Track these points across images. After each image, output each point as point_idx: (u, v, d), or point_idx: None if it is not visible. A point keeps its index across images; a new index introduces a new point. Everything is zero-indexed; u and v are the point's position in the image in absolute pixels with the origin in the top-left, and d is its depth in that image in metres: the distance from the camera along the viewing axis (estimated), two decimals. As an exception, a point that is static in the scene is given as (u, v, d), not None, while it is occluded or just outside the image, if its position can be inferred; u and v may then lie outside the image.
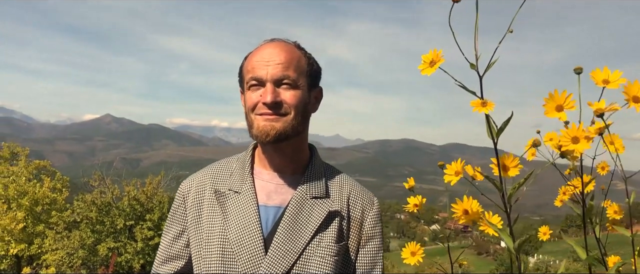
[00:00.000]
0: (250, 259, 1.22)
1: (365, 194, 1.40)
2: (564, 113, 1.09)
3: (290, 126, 1.24)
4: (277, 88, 1.24)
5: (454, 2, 1.05)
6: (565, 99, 1.08)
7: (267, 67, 1.23)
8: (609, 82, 1.12)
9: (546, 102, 1.10)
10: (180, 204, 1.39)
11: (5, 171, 17.59)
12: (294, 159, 1.34)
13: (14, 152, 18.46)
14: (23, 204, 16.45)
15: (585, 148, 1.12)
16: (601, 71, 1.14)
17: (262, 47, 1.28)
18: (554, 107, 1.09)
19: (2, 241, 15.61)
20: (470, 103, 1.11)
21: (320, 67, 1.36)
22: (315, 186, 1.32)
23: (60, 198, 17.79)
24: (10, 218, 15.68)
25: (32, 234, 16.44)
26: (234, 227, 1.26)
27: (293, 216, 1.26)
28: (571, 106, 1.09)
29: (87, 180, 17.49)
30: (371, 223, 1.37)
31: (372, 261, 1.36)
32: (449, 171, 1.29)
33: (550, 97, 1.10)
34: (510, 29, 1.05)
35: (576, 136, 1.12)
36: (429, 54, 1.11)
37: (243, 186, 1.32)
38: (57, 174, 18.97)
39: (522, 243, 1.18)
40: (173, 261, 1.38)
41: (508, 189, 1.19)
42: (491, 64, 1.07)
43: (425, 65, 1.11)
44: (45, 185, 17.56)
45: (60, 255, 14.62)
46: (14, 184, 16.77)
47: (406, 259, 1.62)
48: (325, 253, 1.25)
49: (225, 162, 1.42)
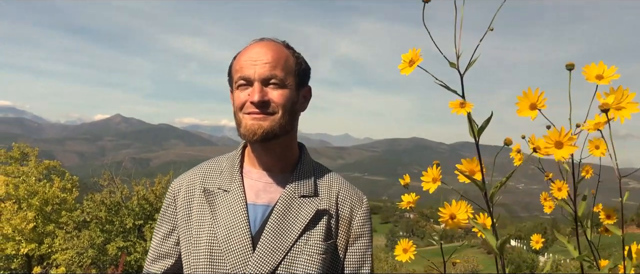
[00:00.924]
0: (238, 257, 1.23)
1: (354, 193, 1.40)
2: (536, 112, 1.08)
3: (277, 125, 1.25)
4: (265, 87, 1.25)
5: (425, 2, 1.07)
6: (538, 97, 1.07)
7: (255, 66, 1.24)
8: (603, 78, 1.10)
9: (520, 100, 1.09)
10: (170, 203, 1.40)
11: (15, 171, 17.71)
12: (282, 158, 1.35)
13: (24, 152, 18.58)
14: (33, 204, 16.56)
15: (569, 153, 1.09)
16: (596, 66, 1.11)
17: (250, 47, 1.29)
18: (527, 105, 1.08)
19: (13, 240, 15.73)
20: (449, 104, 1.12)
21: (309, 66, 1.37)
22: (304, 184, 1.33)
23: (70, 198, 17.88)
24: (21, 218, 15.79)
25: (43, 233, 16.54)
26: (223, 225, 1.27)
27: (281, 215, 1.27)
28: (543, 105, 1.07)
29: (97, 180, 17.58)
30: (360, 222, 1.37)
31: (360, 260, 1.36)
32: (425, 178, 1.28)
33: (524, 96, 1.08)
34: (490, 27, 1.06)
35: (559, 141, 1.10)
36: (408, 53, 1.11)
37: (232, 184, 1.33)
38: (67, 174, 19.08)
39: (503, 242, 1.18)
40: (163, 259, 1.39)
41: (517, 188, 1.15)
42: (472, 62, 1.07)
43: (404, 64, 1.12)
44: (55, 185, 17.67)
45: (70, 255, 14.71)
46: (24, 184, 16.88)
47: (398, 256, 1.61)
48: (313, 251, 1.26)
49: (215, 161, 1.43)
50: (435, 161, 1.33)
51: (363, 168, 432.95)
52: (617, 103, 1.05)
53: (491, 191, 1.17)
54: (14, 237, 15.72)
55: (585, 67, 1.11)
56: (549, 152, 1.11)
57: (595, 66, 1.11)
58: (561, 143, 1.09)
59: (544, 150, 1.11)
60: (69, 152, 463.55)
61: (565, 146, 1.08)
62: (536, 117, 1.05)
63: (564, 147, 1.08)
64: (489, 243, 1.24)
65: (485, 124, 1.11)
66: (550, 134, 1.10)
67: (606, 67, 1.10)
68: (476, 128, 1.12)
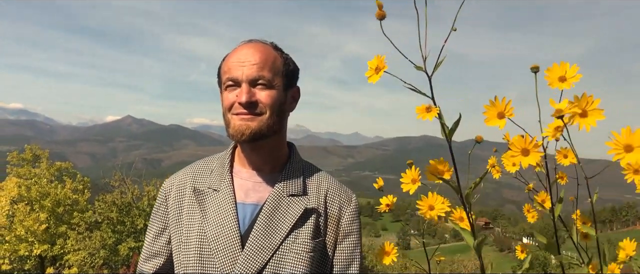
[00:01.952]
0: (227, 255, 1.25)
1: (343, 192, 1.42)
2: (504, 121, 1.07)
3: (265, 125, 1.27)
4: (253, 88, 1.26)
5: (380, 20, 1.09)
6: (505, 106, 1.07)
7: (243, 67, 1.26)
8: (566, 79, 1.07)
9: (487, 109, 1.08)
10: (162, 202, 1.42)
11: (27, 173, 17.86)
12: (271, 157, 1.37)
13: (36, 154, 18.73)
14: (45, 206, 16.70)
15: (536, 161, 1.08)
16: (558, 66, 1.08)
17: (239, 48, 1.30)
18: (495, 114, 1.08)
19: (26, 241, 15.87)
20: (416, 110, 1.14)
21: (297, 67, 1.39)
22: (293, 184, 1.35)
23: (81, 199, 18.01)
24: (33, 219, 15.92)
25: (55, 234, 16.68)
26: (212, 224, 1.29)
27: (269, 213, 1.29)
28: (511, 114, 1.07)
29: (108, 181, 17.68)
30: (348, 220, 1.39)
31: (349, 257, 1.38)
32: (405, 179, 1.27)
33: (492, 104, 1.08)
34: (453, 28, 1.06)
35: (526, 148, 1.09)
36: (374, 60, 1.12)
37: (222, 184, 1.35)
38: (78, 176, 19.22)
39: (480, 242, 1.19)
40: (155, 258, 1.41)
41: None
42: (439, 63, 1.07)
43: (371, 71, 1.13)
44: (67, 186, 17.80)
45: (82, 255, 14.80)
46: (36, 185, 17.03)
47: (383, 259, 1.57)
48: (301, 249, 1.27)
49: (206, 162, 1.45)
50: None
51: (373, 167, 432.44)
52: (581, 110, 1.02)
53: (466, 191, 1.18)
54: (27, 238, 15.86)
55: (547, 70, 1.09)
56: (515, 160, 1.12)
57: (557, 67, 1.08)
58: (528, 150, 1.08)
59: (510, 158, 1.12)
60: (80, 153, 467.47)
61: (532, 153, 1.08)
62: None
63: (530, 155, 1.08)
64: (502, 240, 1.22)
65: (454, 126, 1.11)
66: (514, 142, 1.10)
67: (568, 66, 1.07)
68: (447, 129, 1.12)
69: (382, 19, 1.09)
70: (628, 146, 0.99)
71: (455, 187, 1.19)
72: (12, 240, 15.69)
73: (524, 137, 1.07)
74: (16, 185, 16.53)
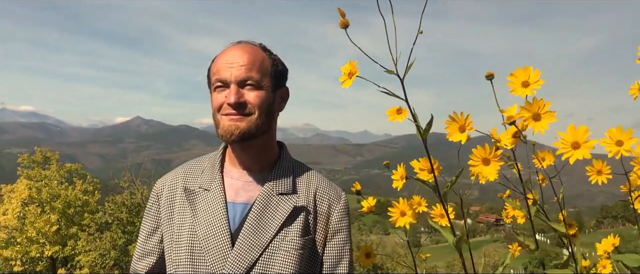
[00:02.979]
0: (218, 253, 1.27)
1: (332, 190, 1.43)
2: (466, 134, 1.11)
3: (254, 125, 1.29)
4: (241, 89, 1.28)
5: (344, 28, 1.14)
6: (465, 121, 1.10)
7: (231, 68, 1.27)
8: (529, 84, 1.10)
9: (448, 124, 1.12)
10: (154, 202, 1.44)
11: (38, 174, 17.98)
12: (261, 157, 1.38)
13: (46, 156, 18.85)
14: (56, 207, 16.80)
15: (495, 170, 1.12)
16: (521, 71, 1.10)
17: (227, 50, 1.32)
18: (456, 129, 1.11)
19: (37, 243, 15.98)
20: (387, 112, 1.20)
21: (286, 68, 1.41)
22: (282, 182, 1.37)
23: (92, 200, 18.12)
24: (45, 221, 16.03)
25: (66, 236, 16.79)
26: (203, 223, 1.31)
27: (259, 212, 1.31)
28: (471, 128, 1.11)
29: (118, 182, 17.76)
30: (338, 217, 1.40)
31: (338, 254, 1.39)
32: (395, 176, 1.32)
33: (452, 120, 1.11)
34: (420, 30, 1.10)
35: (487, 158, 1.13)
36: (347, 66, 1.15)
37: (212, 183, 1.36)
38: (88, 177, 19.33)
39: (459, 239, 1.20)
40: (148, 257, 1.43)
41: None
42: (409, 66, 1.10)
43: (344, 77, 1.16)
44: (77, 188, 17.91)
45: (93, 256, 14.89)
46: (47, 187, 17.13)
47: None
48: (290, 247, 1.29)
49: (197, 162, 1.47)
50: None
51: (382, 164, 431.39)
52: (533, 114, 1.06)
53: (444, 190, 1.22)
54: (38, 239, 15.98)
55: (510, 75, 1.11)
56: (475, 170, 1.16)
57: (521, 72, 1.10)
58: (488, 160, 1.13)
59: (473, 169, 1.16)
60: (91, 155, 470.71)
61: (492, 162, 1.12)
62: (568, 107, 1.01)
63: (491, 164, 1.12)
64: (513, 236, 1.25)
65: (428, 127, 1.15)
66: (475, 152, 1.14)
67: (532, 70, 1.09)
68: (422, 129, 1.16)
69: (345, 27, 1.13)
70: (575, 143, 1.06)
71: (432, 187, 1.23)
72: (24, 242, 15.81)
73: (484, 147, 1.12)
74: (27, 187, 16.65)
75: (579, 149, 1.05)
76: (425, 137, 1.17)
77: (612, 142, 1.12)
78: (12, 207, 16.14)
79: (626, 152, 1.14)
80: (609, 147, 1.13)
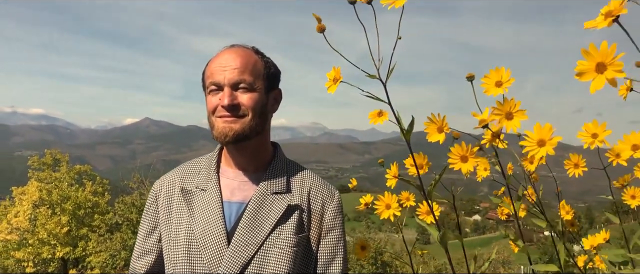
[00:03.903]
0: (214, 251, 1.30)
1: (325, 188, 1.47)
2: (443, 134, 1.18)
3: (248, 127, 1.32)
4: (235, 91, 1.32)
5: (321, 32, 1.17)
6: (442, 122, 1.17)
7: (224, 72, 1.31)
8: (502, 84, 1.14)
9: (427, 126, 1.19)
10: (152, 202, 1.49)
11: (48, 177, 18.11)
12: (255, 157, 1.42)
13: (56, 158, 18.98)
14: (66, 209, 16.91)
15: (473, 166, 1.20)
16: (494, 72, 1.15)
17: (221, 54, 1.36)
18: (435, 129, 1.18)
19: (49, 244, 16.10)
20: (369, 115, 1.25)
21: (278, 70, 1.44)
22: (276, 182, 1.41)
23: (102, 201, 18.23)
24: (55, 222, 16.15)
25: (76, 237, 16.90)
26: (200, 222, 1.35)
27: (254, 211, 1.35)
28: (448, 129, 1.18)
29: (127, 183, 17.84)
30: (331, 215, 1.44)
31: (332, 251, 1.43)
32: (389, 174, 1.39)
33: (430, 121, 1.18)
34: (399, 36, 1.12)
35: (464, 155, 1.21)
36: (331, 72, 1.21)
37: (209, 183, 1.40)
38: (97, 178, 19.44)
39: (443, 234, 1.24)
40: (147, 255, 1.47)
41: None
42: (391, 70, 1.13)
43: (329, 83, 1.22)
44: (87, 189, 18.01)
45: (104, 257, 14.96)
46: (57, 189, 17.25)
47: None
48: (284, 244, 1.33)
49: (195, 162, 1.52)
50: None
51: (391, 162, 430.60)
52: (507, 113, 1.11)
53: (428, 188, 1.26)
54: (49, 241, 16.10)
55: (484, 77, 1.16)
56: (455, 167, 1.23)
57: (494, 73, 1.15)
58: (466, 157, 1.20)
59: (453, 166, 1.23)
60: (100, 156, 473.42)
61: (470, 159, 1.19)
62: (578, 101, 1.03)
63: (469, 161, 1.20)
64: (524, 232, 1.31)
65: (410, 128, 1.19)
66: (453, 150, 1.21)
67: (504, 71, 1.14)
68: (404, 130, 1.20)
69: (322, 31, 1.17)
70: (541, 141, 1.12)
71: (416, 186, 1.28)
72: (35, 243, 15.94)
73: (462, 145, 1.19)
74: (37, 189, 16.77)
75: (544, 146, 1.12)
76: (408, 139, 1.22)
77: (588, 134, 1.22)
78: (24, 209, 16.26)
79: (600, 144, 1.26)
80: (585, 139, 1.25)
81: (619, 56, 0.83)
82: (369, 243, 1.66)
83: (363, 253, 1.65)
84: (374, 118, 1.23)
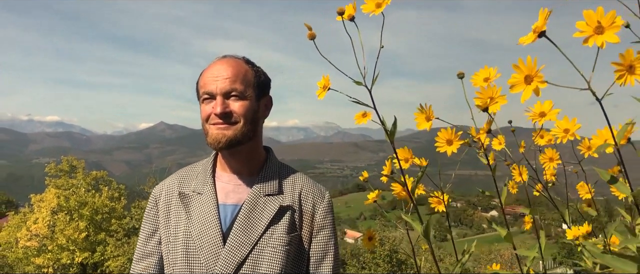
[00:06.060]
0: (210, 251, 1.37)
1: (316, 189, 1.55)
2: (430, 123, 1.22)
3: (240, 133, 1.40)
4: (227, 100, 1.39)
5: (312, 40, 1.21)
6: (428, 111, 1.21)
7: (216, 81, 1.39)
8: (489, 79, 1.19)
9: (417, 116, 1.23)
10: (152, 206, 1.55)
11: (65, 183, 18.32)
12: (249, 161, 1.50)
13: (72, 165, 19.18)
14: (84, 214, 17.11)
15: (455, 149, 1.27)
16: (483, 71, 1.21)
17: (213, 64, 1.43)
18: (423, 118, 1.22)
19: (68, 250, 16.29)
20: (354, 117, 1.32)
21: (268, 78, 1.52)
22: (269, 185, 1.48)
23: (118, 206, 18.39)
24: (73, 228, 16.33)
25: (95, 242, 17.08)
26: (196, 224, 1.42)
27: (248, 212, 1.42)
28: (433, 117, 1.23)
29: (143, 187, 17.97)
30: (322, 215, 1.51)
31: (324, 249, 1.49)
32: (385, 171, 1.44)
33: (419, 111, 1.22)
34: (381, 45, 1.17)
35: (449, 139, 1.27)
36: (322, 80, 1.26)
37: (205, 187, 1.48)
38: (113, 183, 19.62)
39: (427, 226, 1.29)
40: (147, 258, 1.52)
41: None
42: (375, 78, 1.18)
43: (320, 90, 1.27)
44: (104, 194, 18.19)
45: (122, 261, 15.11)
46: (74, 195, 17.44)
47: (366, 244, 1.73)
48: (277, 243, 1.40)
49: (192, 168, 1.59)
50: None
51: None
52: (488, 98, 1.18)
53: (412, 185, 1.33)
54: (68, 247, 16.29)
55: (473, 76, 1.22)
56: (441, 149, 1.29)
57: (482, 71, 1.21)
58: (451, 140, 1.26)
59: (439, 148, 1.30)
60: (117, 161, 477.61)
61: (454, 142, 1.26)
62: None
63: (453, 144, 1.27)
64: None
65: (393, 129, 1.25)
66: (440, 134, 1.27)
67: (491, 70, 1.20)
68: (388, 131, 1.25)
69: (312, 39, 1.21)
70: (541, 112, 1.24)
71: (400, 182, 1.35)
72: (55, 249, 16.14)
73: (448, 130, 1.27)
74: (55, 196, 16.98)
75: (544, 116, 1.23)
76: (392, 140, 1.27)
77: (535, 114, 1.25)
78: (42, 216, 16.47)
79: (572, 137, 1.38)
80: (558, 133, 1.36)
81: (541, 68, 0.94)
82: (375, 234, 1.71)
83: (370, 243, 1.70)
84: (359, 119, 1.29)
